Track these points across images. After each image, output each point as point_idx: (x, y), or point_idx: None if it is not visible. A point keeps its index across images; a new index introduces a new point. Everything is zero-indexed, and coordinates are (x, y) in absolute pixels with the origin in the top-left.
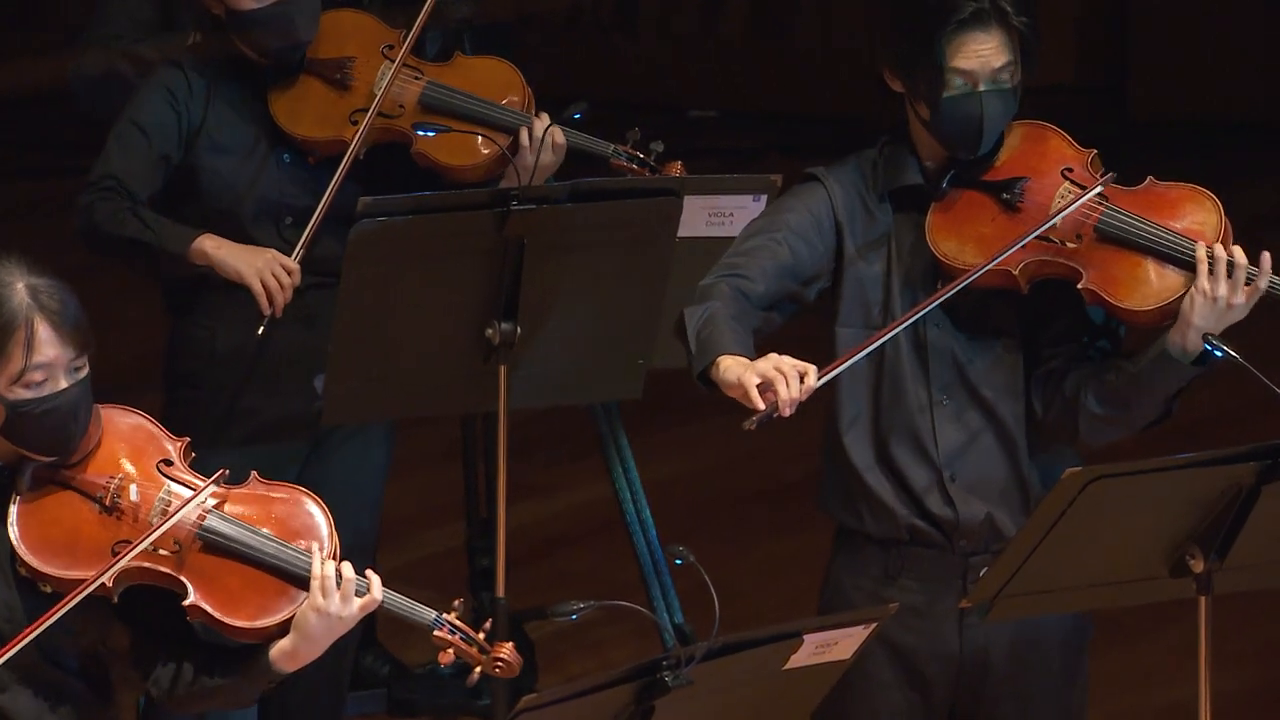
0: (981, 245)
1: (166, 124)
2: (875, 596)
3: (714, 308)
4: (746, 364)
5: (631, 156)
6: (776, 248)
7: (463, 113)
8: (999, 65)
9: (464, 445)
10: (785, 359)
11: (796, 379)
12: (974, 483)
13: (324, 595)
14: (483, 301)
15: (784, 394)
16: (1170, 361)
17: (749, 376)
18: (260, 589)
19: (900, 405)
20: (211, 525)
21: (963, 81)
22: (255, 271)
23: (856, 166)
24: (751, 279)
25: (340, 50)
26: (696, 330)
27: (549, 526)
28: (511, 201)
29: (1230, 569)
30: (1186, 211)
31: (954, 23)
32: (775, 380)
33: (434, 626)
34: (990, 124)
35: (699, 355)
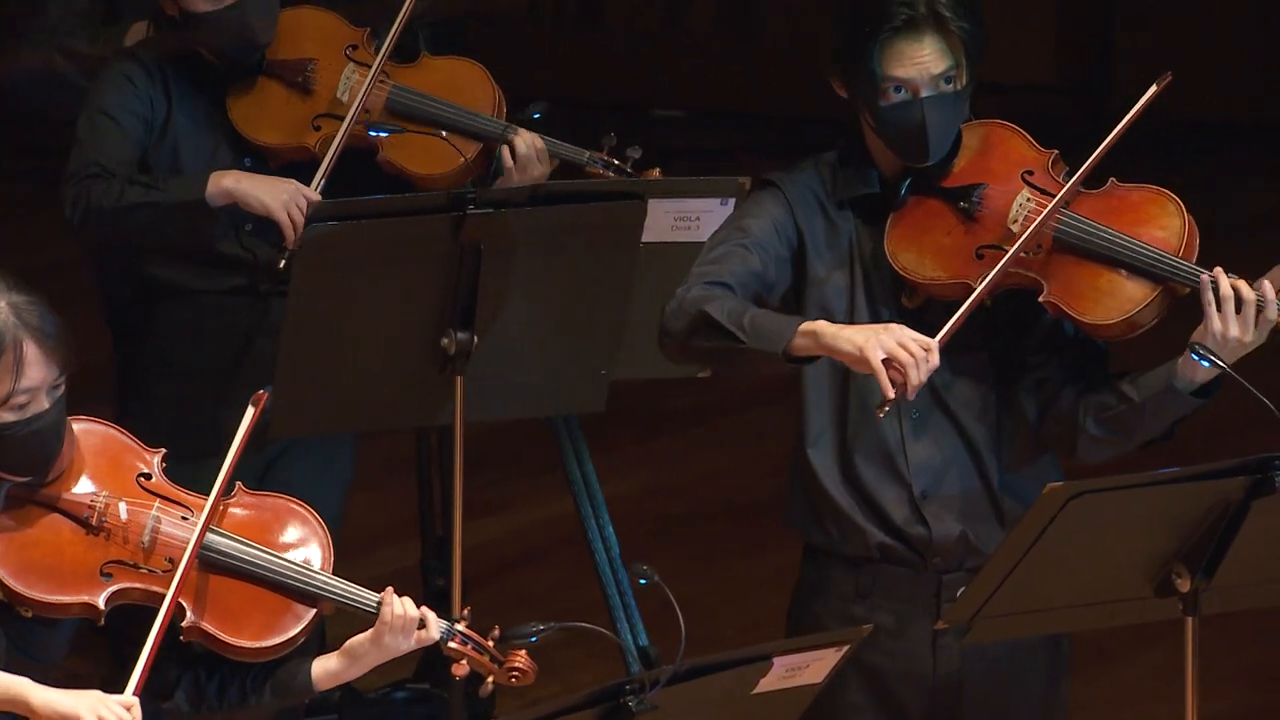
0: (941, 257)
1: (134, 110)
2: (845, 616)
3: (729, 300)
4: (862, 332)
5: (608, 164)
6: (746, 254)
7: (432, 118)
8: (939, 71)
9: (418, 460)
10: (905, 331)
11: (925, 363)
12: (947, 499)
13: (391, 633)
14: (438, 310)
15: (914, 380)
16: (1175, 394)
17: (875, 353)
18: (263, 606)
19: (869, 422)
20: (212, 544)
21: (901, 89)
22: (282, 204)
23: (815, 172)
24: (730, 287)
25: (301, 51)
26: (732, 319)
27: (507, 545)
28: (468, 205)
29: (1218, 588)
30: (1149, 216)
31: (887, 30)
32: (906, 363)
33: (446, 638)
34: (935, 132)
35: (764, 334)
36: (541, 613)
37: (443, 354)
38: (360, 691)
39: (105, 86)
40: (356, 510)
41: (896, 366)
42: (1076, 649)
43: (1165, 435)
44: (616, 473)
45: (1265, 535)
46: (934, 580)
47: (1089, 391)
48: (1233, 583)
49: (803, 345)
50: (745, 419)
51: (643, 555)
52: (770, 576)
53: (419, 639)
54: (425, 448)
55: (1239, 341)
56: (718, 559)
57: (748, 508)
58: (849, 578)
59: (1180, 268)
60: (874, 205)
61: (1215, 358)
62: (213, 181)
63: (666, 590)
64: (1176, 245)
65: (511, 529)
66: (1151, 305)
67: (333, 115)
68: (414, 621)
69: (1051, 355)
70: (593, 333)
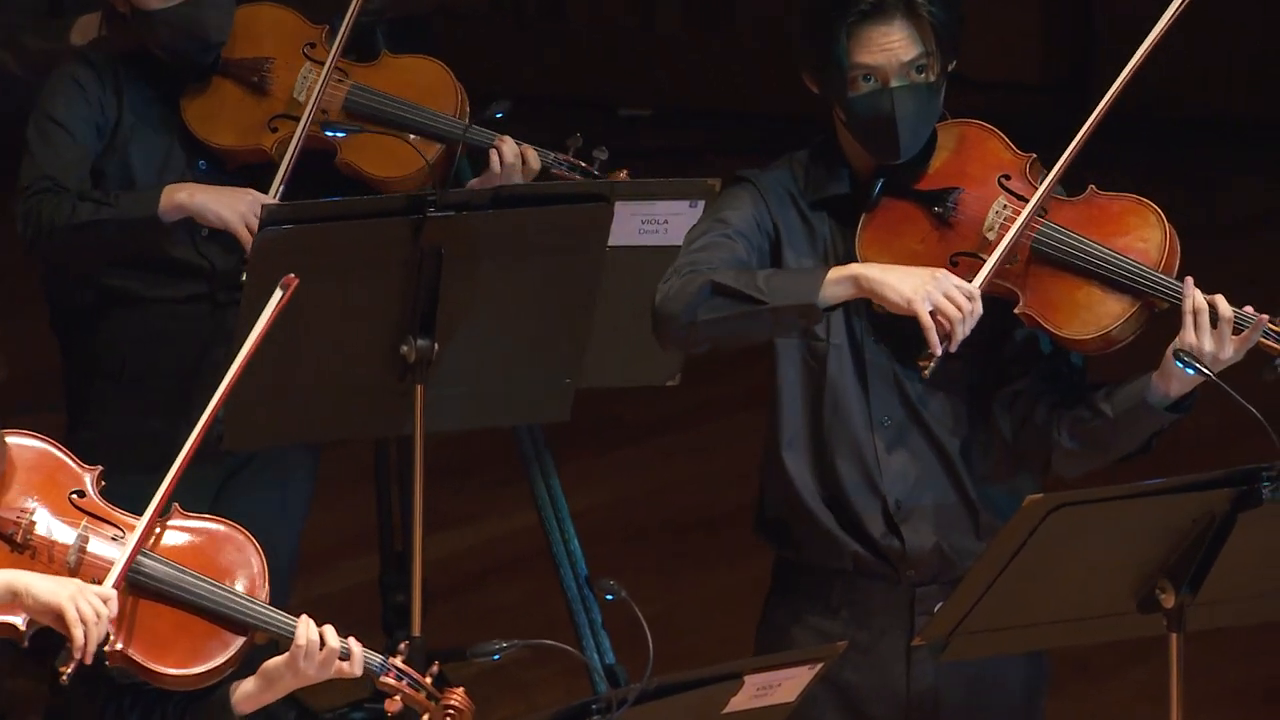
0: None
1: (84, 117)
2: (816, 631)
3: (727, 269)
4: (909, 279)
5: (574, 166)
6: (731, 243)
7: (392, 119)
8: (909, 59)
9: (377, 471)
10: (950, 280)
11: (972, 316)
12: (921, 510)
13: (305, 660)
14: (397, 316)
15: (959, 334)
16: (1150, 409)
17: (922, 305)
18: (191, 633)
19: (843, 425)
20: (140, 566)
21: (870, 78)
22: (239, 216)
23: (789, 170)
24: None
25: (258, 50)
26: (744, 280)
27: (469, 559)
28: (428, 208)
29: (1203, 604)
30: (1129, 226)
31: (855, 14)
32: (954, 318)
33: (379, 672)
34: (906, 124)
35: (787, 290)
36: (505, 630)
37: (402, 362)
38: (317, 713)
39: (55, 92)
40: (312, 524)
41: (942, 320)
42: (1057, 666)
43: (1142, 449)
44: (582, 484)
45: (1252, 549)
46: (908, 594)
47: (1063, 405)
48: (1219, 598)
49: (838, 293)
50: (714, 427)
51: (609, 569)
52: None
53: (339, 670)
54: (384, 459)
55: (1215, 358)
56: (686, 573)
57: (717, 519)
58: (820, 591)
59: (1159, 282)
60: (847, 206)
61: (1200, 365)
62: (166, 196)
63: (634, 606)
64: (1156, 258)
65: (473, 543)
66: (1129, 320)
67: (289, 116)
68: (333, 652)
69: (1027, 367)
70: (557, 340)
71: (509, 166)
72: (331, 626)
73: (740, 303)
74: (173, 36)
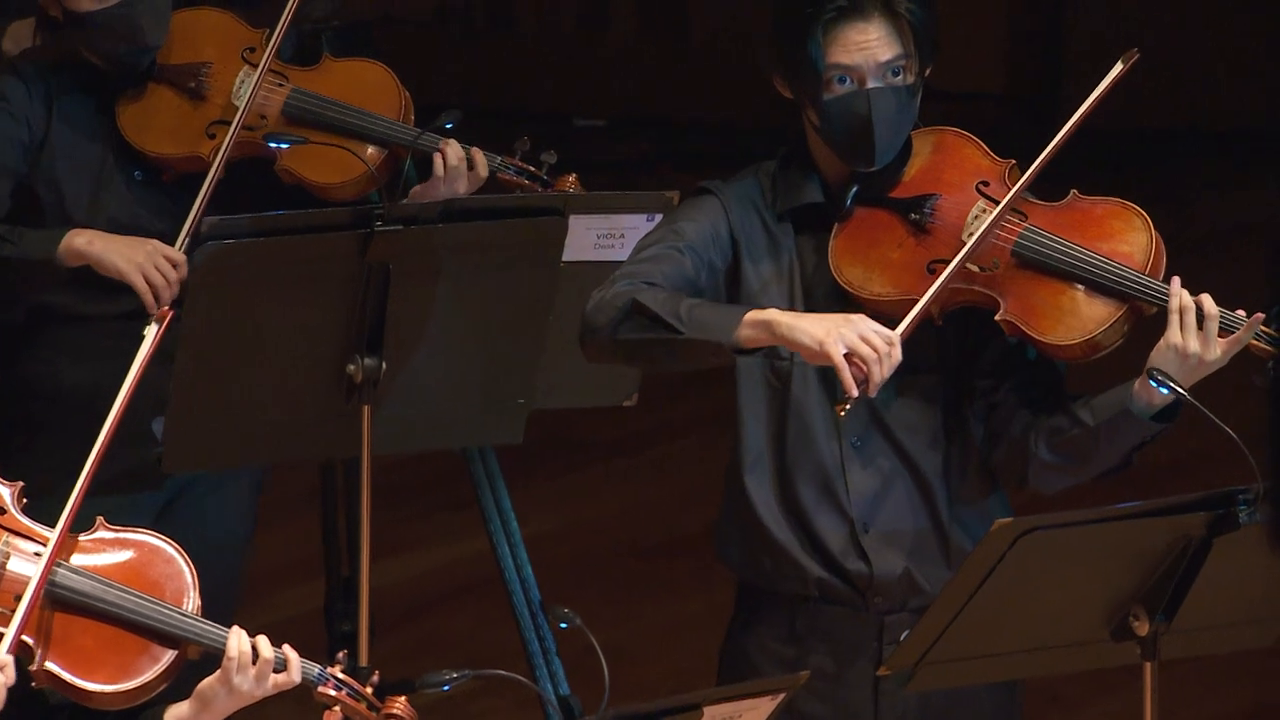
0: (889, 272)
1: (8, 135)
2: (781, 660)
3: (661, 290)
4: (821, 324)
5: (520, 170)
6: (679, 257)
7: (333, 124)
8: (886, 59)
9: (323, 495)
10: (868, 324)
11: (889, 358)
12: (890, 534)
13: (238, 673)
14: (344, 334)
15: (876, 376)
16: (1132, 418)
17: (836, 349)
18: (119, 648)
19: (808, 447)
20: (62, 580)
21: (846, 79)
22: (136, 266)
23: (755, 181)
24: (660, 286)
25: (195, 55)
26: (668, 309)
27: (418, 586)
28: (375, 222)
29: (1178, 631)
30: (1113, 230)
31: (830, 11)
32: (869, 358)
33: (317, 682)
34: (883, 127)
35: (706, 325)
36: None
37: (349, 381)
38: None
39: None
40: (256, 549)
41: (858, 362)
42: (1029, 696)
43: (1122, 464)
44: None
45: (1229, 575)
46: (875, 621)
47: (1042, 415)
48: (1194, 625)
49: (750, 336)
50: (673, 449)
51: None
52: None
53: (276, 683)
54: (330, 482)
55: (1199, 359)
56: (644, 600)
57: (676, 543)
58: (784, 618)
59: (1146, 285)
60: (818, 216)
61: (1174, 384)
62: (66, 241)
63: (589, 634)
64: (1142, 261)
65: (423, 569)
66: (1115, 325)
67: (228, 122)
68: (268, 663)
69: (1005, 378)
70: (510, 358)
71: (453, 170)
72: (265, 637)
73: (658, 328)
74: (106, 39)
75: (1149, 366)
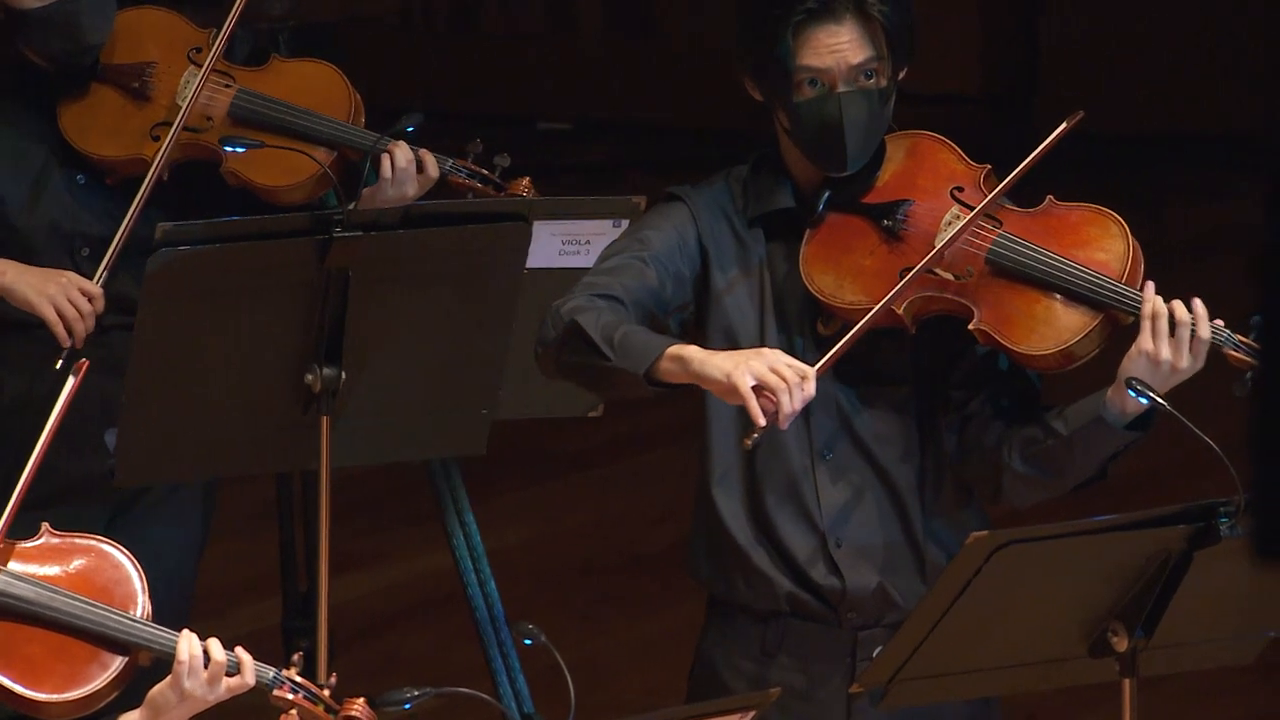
0: (861, 280)
1: None
2: (752, 677)
3: (606, 314)
4: (731, 358)
5: (473, 173)
6: (643, 268)
7: (281, 125)
8: (858, 62)
9: (280, 508)
10: (779, 356)
11: (799, 388)
12: (862, 548)
13: (189, 677)
14: (302, 343)
15: (786, 407)
16: (1106, 427)
17: (744, 379)
18: (67, 656)
19: (778, 458)
20: (5, 588)
21: (817, 82)
22: (48, 298)
23: (725, 186)
24: (620, 300)
25: (140, 54)
26: (603, 334)
27: (378, 602)
28: (334, 228)
29: (1158, 647)
30: (1090, 237)
31: (801, 13)
32: (778, 390)
33: (272, 685)
34: (854, 131)
35: (631, 354)
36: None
37: (307, 392)
38: None
39: None
40: (211, 564)
41: (768, 394)
42: (1005, 713)
43: (1097, 475)
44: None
45: (1209, 589)
46: (849, 637)
47: (1015, 427)
48: (1174, 641)
49: (669, 370)
50: (642, 461)
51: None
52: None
53: (230, 687)
54: (288, 495)
55: (1172, 367)
56: (612, 616)
57: (645, 558)
58: (755, 633)
59: (1123, 294)
60: (788, 222)
61: (1154, 394)
62: None
63: (554, 652)
64: (1119, 270)
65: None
66: (1091, 335)
67: (172, 124)
68: (220, 666)
69: (979, 389)
70: (473, 368)
71: (401, 172)
72: (217, 640)
73: (592, 353)
74: (48, 37)
75: (1122, 374)
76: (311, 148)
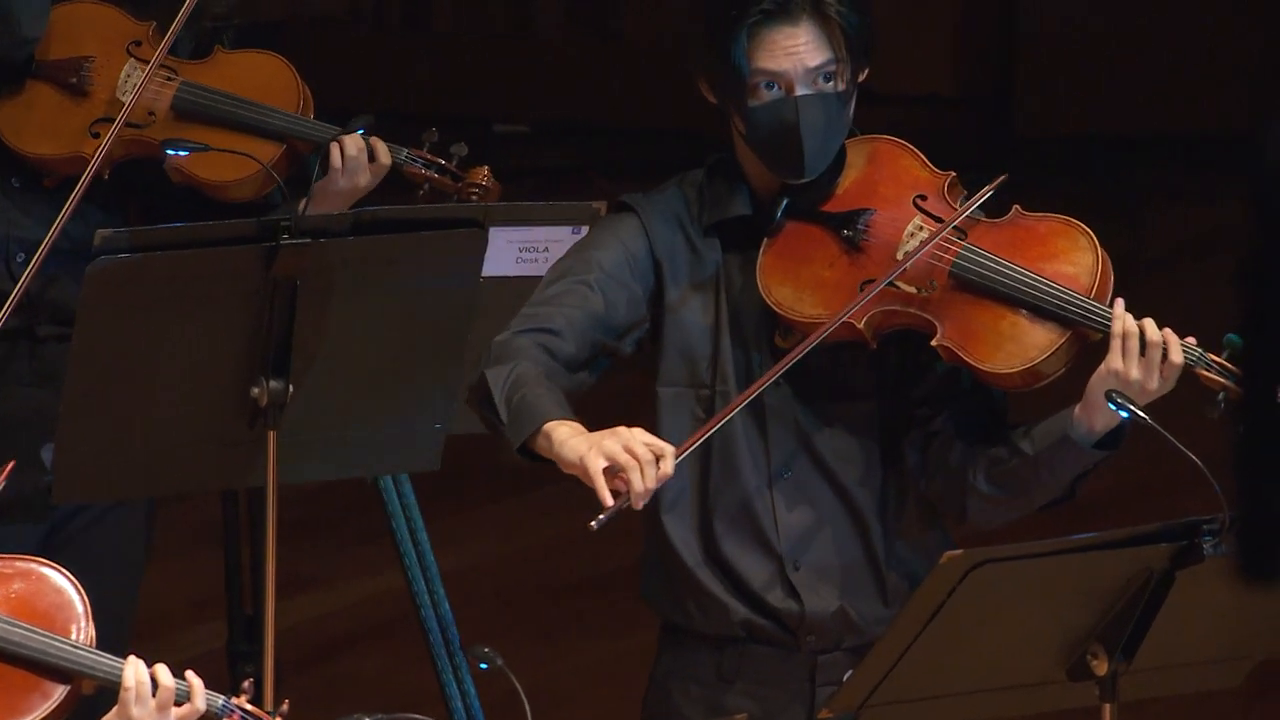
0: (821, 293)
1: None
2: (707, 704)
3: (524, 367)
4: (588, 438)
5: (429, 163)
6: (587, 294)
7: (227, 118)
8: (815, 64)
9: (225, 528)
10: (636, 435)
11: (652, 465)
12: (822, 570)
13: (136, 704)
14: (247, 355)
15: (637, 485)
16: (1074, 446)
17: (595, 459)
18: (6, 686)
19: (733, 481)
20: None
21: (773, 85)
22: None
23: (679, 193)
24: (559, 334)
25: (77, 49)
26: (505, 394)
27: (328, 625)
28: (281, 234)
29: (1139, 670)
30: (1057, 250)
31: (756, 14)
32: (628, 468)
33: (221, 714)
34: (812, 136)
35: (516, 422)
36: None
37: (253, 406)
38: None
39: None
40: (153, 586)
41: (621, 474)
42: None
43: (1065, 495)
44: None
45: (1192, 610)
46: (808, 662)
47: (980, 446)
48: (1155, 664)
49: (542, 445)
50: None
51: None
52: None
53: (179, 716)
54: (233, 513)
55: (1142, 387)
56: (568, 639)
57: (602, 580)
58: (711, 659)
59: (1092, 310)
60: (746, 230)
61: (1134, 407)
62: None
63: (511, 676)
64: (1088, 284)
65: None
66: (1058, 353)
67: (113, 120)
68: (169, 692)
69: (943, 406)
70: (426, 381)
71: (352, 161)
72: (165, 666)
73: (492, 411)
74: None
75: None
76: (259, 142)
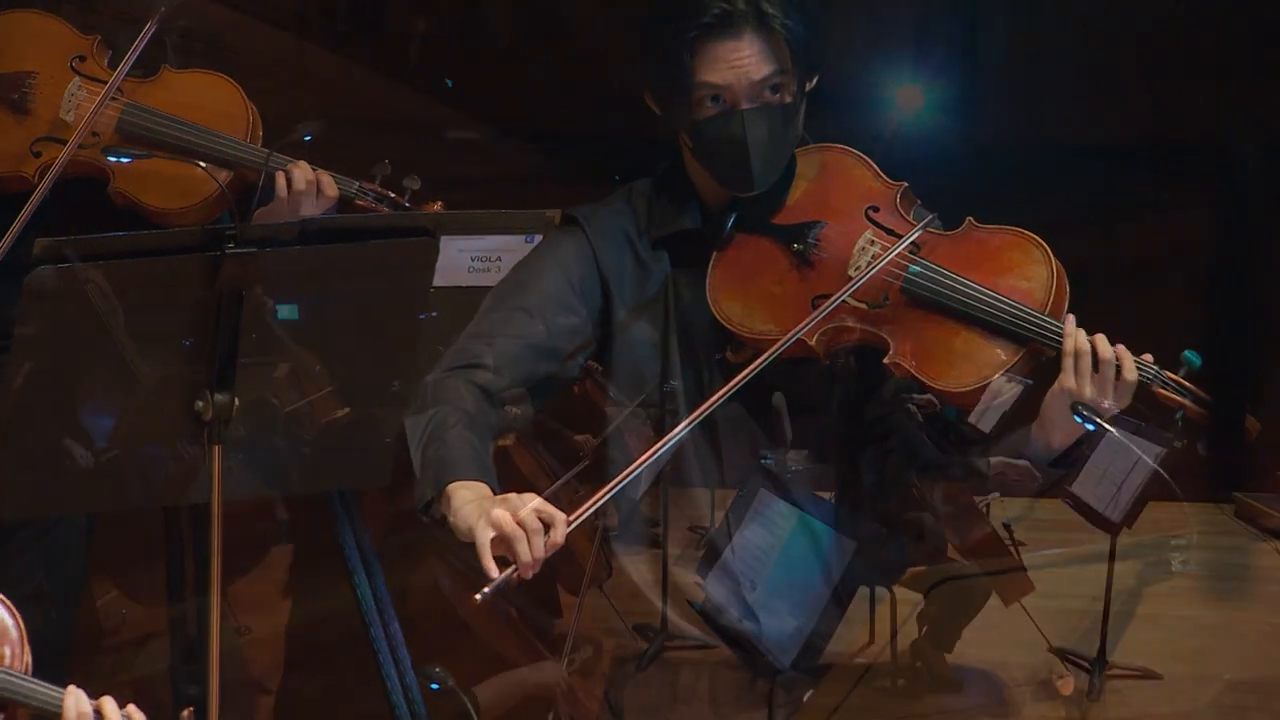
0: (771, 308)
1: None
2: None
3: (443, 414)
4: (480, 508)
5: (380, 196)
6: (527, 322)
7: (172, 143)
8: (760, 77)
9: (168, 545)
10: (527, 504)
11: (540, 535)
12: (779, 589)
13: None
14: (192, 368)
15: (524, 556)
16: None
17: (483, 531)
18: None
19: (683, 500)
20: None
21: (719, 99)
22: None
23: (627, 206)
24: (492, 369)
25: (18, 64)
26: (421, 447)
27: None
28: (226, 244)
29: None
30: (1011, 263)
31: (699, 27)
32: (514, 539)
33: None
34: (759, 150)
35: (424, 482)
36: None
37: (197, 419)
38: None
39: None
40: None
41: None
42: None
43: None
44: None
45: None
46: (764, 682)
47: (936, 465)
48: None
49: (444, 507)
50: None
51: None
52: None
53: None
54: (176, 530)
55: (1098, 405)
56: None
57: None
58: (665, 678)
59: (1046, 326)
60: (694, 243)
61: (1100, 420)
62: None
63: (464, 697)
64: (1042, 299)
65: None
66: (1012, 371)
67: (55, 139)
68: None
69: (897, 423)
70: (375, 393)
71: (298, 194)
72: (111, 698)
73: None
74: None
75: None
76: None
